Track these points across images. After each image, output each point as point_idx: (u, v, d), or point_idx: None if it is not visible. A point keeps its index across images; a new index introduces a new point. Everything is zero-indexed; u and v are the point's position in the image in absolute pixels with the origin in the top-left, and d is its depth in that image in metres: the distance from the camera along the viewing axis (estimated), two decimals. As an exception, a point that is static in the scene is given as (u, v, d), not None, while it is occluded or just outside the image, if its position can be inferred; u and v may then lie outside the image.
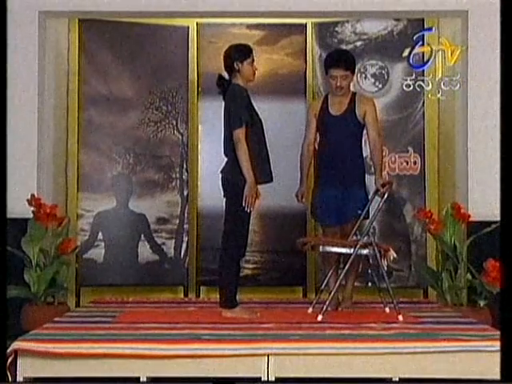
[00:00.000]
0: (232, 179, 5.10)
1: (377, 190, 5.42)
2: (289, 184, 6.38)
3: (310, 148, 5.60)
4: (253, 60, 5.21)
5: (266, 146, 5.18)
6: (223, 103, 5.20)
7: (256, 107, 5.22)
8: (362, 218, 5.39)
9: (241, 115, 5.05)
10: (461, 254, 5.82)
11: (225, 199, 5.20)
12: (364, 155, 5.60)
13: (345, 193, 5.45)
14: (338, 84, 5.43)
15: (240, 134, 5.03)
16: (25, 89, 6.08)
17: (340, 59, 5.48)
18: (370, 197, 5.51)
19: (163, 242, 6.67)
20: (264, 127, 5.20)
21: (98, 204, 6.59)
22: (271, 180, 5.20)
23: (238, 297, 5.21)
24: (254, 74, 5.26)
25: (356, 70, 5.70)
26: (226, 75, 5.23)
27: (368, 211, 5.43)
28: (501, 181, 4.23)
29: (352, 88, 5.70)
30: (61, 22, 6.59)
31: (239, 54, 5.18)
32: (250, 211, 5.08)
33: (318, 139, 5.62)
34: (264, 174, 5.14)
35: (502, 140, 4.27)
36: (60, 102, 6.63)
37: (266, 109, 5.68)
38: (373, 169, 5.58)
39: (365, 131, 5.50)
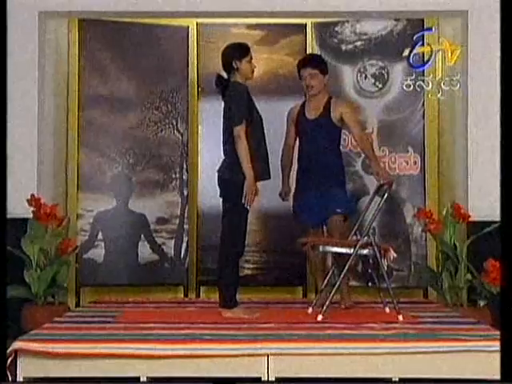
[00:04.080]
0: (230, 178, 5.10)
1: (377, 189, 5.43)
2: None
3: (290, 152, 5.70)
4: (251, 58, 5.22)
5: (265, 143, 5.19)
6: (223, 102, 5.20)
7: (256, 105, 5.23)
8: (342, 214, 5.45)
9: (241, 112, 5.05)
10: (461, 254, 5.81)
11: (222, 199, 5.21)
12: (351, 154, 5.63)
13: (324, 193, 5.49)
14: (307, 83, 5.54)
15: (240, 131, 5.03)
16: (25, 89, 6.08)
17: (306, 59, 5.72)
18: (370, 197, 5.54)
19: (163, 242, 6.66)
20: (264, 124, 5.21)
21: (98, 204, 6.57)
22: (269, 177, 5.21)
23: (237, 297, 5.21)
24: (253, 71, 5.26)
25: (329, 71, 5.70)
26: (224, 74, 5.23)
27: (350, 208, 5.54)
28: (501, 181, 4.23)
29: (351, 89, 5.72)
30: (61, 22, 6.59)
31: (237, 52, 5.18)
32: (248, 210, 5.09)
33: (298, 143, 5.68)
34: (263, 171, 5.14)
35: (501, 140, 4.27)
36: (60, 102, 6.62)
37: (265, 108, 5.66)
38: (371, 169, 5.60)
39: (346, 131, 5.56)
